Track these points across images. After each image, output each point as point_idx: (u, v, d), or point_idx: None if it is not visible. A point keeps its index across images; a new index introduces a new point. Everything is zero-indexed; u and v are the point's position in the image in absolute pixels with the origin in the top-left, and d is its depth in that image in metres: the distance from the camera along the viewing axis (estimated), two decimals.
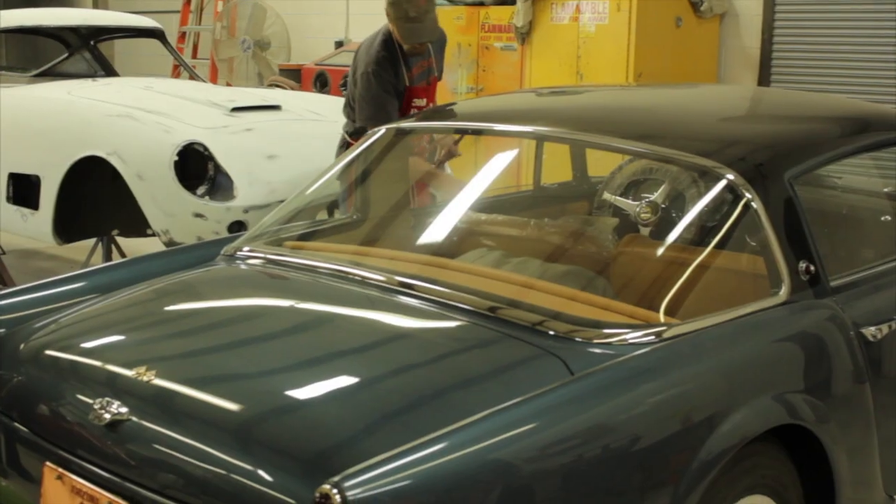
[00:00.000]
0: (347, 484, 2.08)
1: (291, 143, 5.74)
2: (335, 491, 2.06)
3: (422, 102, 5.03)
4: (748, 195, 3.00)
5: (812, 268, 3.00)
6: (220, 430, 2.47)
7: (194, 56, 11.41)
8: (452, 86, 8.32)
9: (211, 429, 2.48)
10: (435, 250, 3.48)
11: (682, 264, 3.01)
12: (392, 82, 4.89)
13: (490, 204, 4.04)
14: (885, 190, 4.25)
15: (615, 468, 2.39)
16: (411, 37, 4.83)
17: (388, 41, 4.90)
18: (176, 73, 9.57)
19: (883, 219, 4.01)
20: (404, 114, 4.95)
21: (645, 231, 3.71)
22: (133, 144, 5.57)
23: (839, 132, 3.63)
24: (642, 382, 2.56)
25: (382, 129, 3.88)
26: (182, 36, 11.43)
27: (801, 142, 3.42)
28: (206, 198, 5.42)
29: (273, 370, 2.69)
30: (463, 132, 4.29)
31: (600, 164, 4.58)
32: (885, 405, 3.04)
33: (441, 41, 5.21)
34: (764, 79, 7.78)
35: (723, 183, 3.08)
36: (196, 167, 5.48)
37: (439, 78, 5.29)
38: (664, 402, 2.54)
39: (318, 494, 2.08)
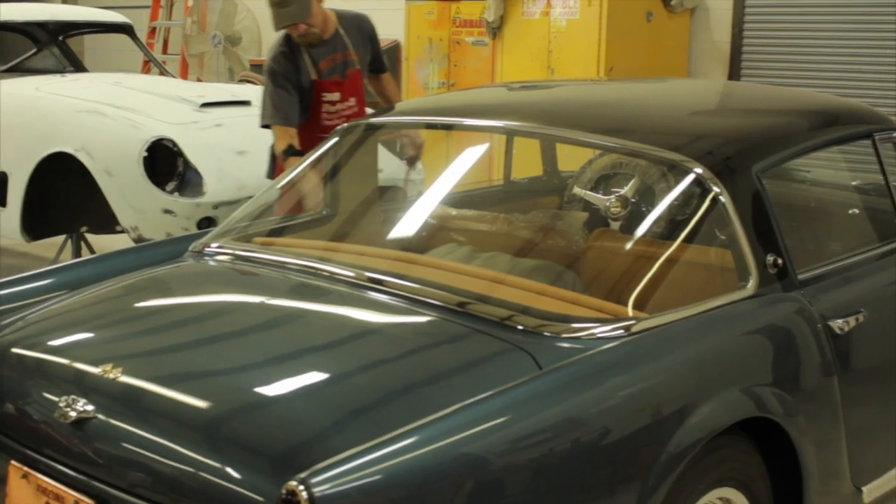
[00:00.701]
0: (315, 480, 2.07)
1: (261, 139, 5.71)
2: (302, 488, 2.05)
3: (334, 97, 4.89)
4: (716, 189, 3.01)
5: (780, 261, 3.01)
6: (187, 428, 2.46)
7: (164, 51, 11.30)
8: (423, 81, 8.31)
9: (178, 426, 2.47)
10: (404, 246, 3.48)
11: (651, 258, 3.01)
12: (291, 79, 4.78)
13: (460, 199, 4.03)
14: (853, 183, 4.27)
15: (584, 462, 2.39)
16: (277, 22, 4.74)
17: (288, 36, 4.82)
18: (146, 69, 9.51)
19: (851, 212, 4.03)
20: (314, 110, 4.85)
21: (615, 225, 3.71)
22: (102, 140, 5.53)
23: (808, 126, 3.64)
24: (611, 376, 2.56)
25: (352, 124, 3.87)
26: (152, 31, 11.33)
27: (770, 135, 3.43)
28: (176, 194, 5.39)
29: (241, 367, 2.67)
30: (433, 127, 4.26)
31: (570, 158, 4.58)
32: (853, 398, 3.06)
33: (363, 31, 5.04)
34: (734, 73, 7.81)
35: (691, 177, 3.09)
36: (165, 163, 5.46)
37: (380, 70, 5.18)
38: (632, 396, 2.54)
39: (284, 491, 2.07)
